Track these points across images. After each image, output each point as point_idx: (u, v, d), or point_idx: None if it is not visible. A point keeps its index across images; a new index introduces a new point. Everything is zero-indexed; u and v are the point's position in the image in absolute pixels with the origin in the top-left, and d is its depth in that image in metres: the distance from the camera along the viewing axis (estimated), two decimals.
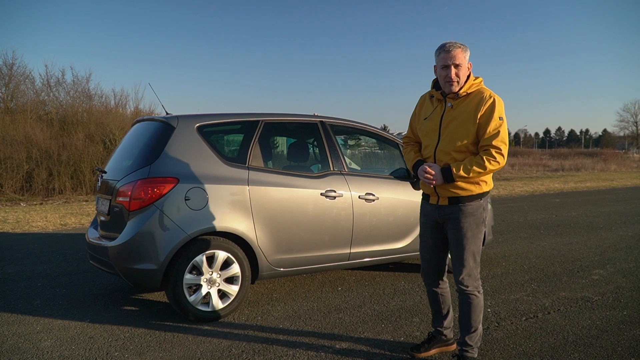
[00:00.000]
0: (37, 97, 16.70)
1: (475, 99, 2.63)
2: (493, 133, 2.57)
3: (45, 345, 3.20)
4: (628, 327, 3.45)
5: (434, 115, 2.75)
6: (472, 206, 2.69)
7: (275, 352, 3.08)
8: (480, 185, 2.70)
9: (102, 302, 4.09)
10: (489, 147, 2.57)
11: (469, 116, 2.61)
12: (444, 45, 2.64)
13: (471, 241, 2.69)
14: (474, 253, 2.71)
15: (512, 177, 22.28)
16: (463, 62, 2.62)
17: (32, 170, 12.91)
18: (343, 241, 4.18)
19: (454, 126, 2.65)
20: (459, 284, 2.74)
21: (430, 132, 2.76)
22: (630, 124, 75.90)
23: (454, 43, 2.63)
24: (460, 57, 2.61)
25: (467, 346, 2.79)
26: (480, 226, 2.72)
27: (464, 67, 2.63)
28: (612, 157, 36.27)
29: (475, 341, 2.80)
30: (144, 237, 3.46)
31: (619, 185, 17.90)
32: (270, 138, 4.29)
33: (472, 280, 2.73)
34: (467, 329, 2.78)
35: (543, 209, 10.49)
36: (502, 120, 2.59)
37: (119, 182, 3.66)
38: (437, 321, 3.05)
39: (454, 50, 2.61)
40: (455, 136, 2.64)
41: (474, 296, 2.74)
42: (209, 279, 3.61)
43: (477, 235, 2.71)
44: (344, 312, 3.82)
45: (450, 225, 2.74)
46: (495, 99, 2.60)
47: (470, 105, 2.63)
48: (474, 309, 2.75)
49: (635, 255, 5.70)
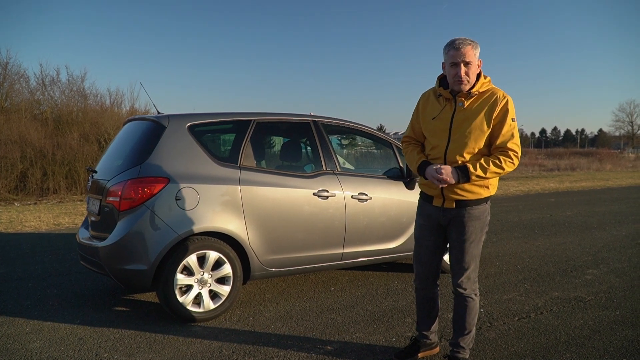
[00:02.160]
0: (32, 96, 16.62)
1: (489, 99, 2.54)
2: (508, 135, 2.51)
3: (35, 346, 3.17)
4: (620, 327, 3.45)
5: (444, 115, 2.61)
6: (479, 210, 2.64)
7: (266, 353, 3.06)
8: (489, 189, 2.64)
9: (92, 303, 4.06)
10: (505, 149, 2.51)
11: (483, 117, 2.52)
12: (454, 41, 2.51)
13: (474, 245, 2.65)
14: (475, 257, 2.68)
15: (507, 176, 22.30)
16: (473, 59, 2.49)
17: (27, 170, 12.84)
18: (336, 241, 4.16)
19: (467, 127, 2.54)
20: (457, 286, 2.71)
21: (439, 132, 2.62)
22: (625, 124, 76.24)
23: (464, 40, 2.50)
24: (471, 55, 2.48)
25: (459, 347, 2.78)
26: (483, 230, 2.68)
27: (474, 65, 2.50)
28: (607, 156, 36.36)
29: (467, 343, 2.79)
30: (135, 237, 3.43)
31: (614, 185, 17.95)
32: (262, 138, 4.27)
33: (471, 283, 2.71)
34: (461, 331, 2.76)
35: (538, 208, 10.50)
36: (514, 121, 2.53)
37: (109, 181, 3.63)
38: (424, 325, 2.96)
39: (463, 47, 2.47)
40: (468, 137, 2.54)
41: (471, 299, 2.72)
42: (200, 279, 3.58)
43: (480, 239, 2.68)
44: (337, 312, 3.81)
45: (454, 228, 2.67)
46: (509, 100, 2.53)
47: (484, 105, 2.53)
48: (469, 311, 2.72)
49: (628, 255, 5.70)
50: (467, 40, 2.51)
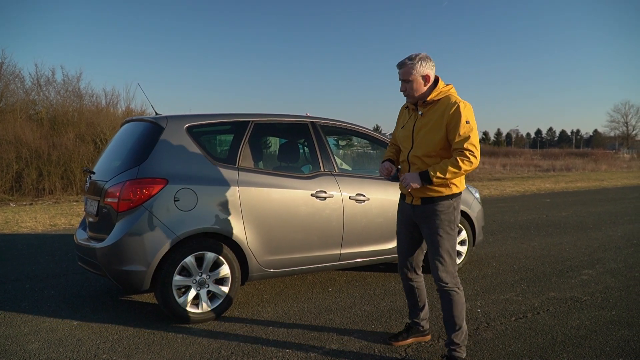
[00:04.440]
0: (27, 96, 16.58)
1: (442, 106, 2.79)
2: (464, 137, 2.70)
3: (33, 347, 3.17)
4: (616, 327, 3.47)
5: (409, 124, 2.96)
6: (444, 205, 2.83)
7: (264, 353, 3.07)
8: (451, 188, 2.85)
9: (90, 304, 4.06)
10: (461, 149, 2.70)
11: (437, 122, 2.78)
12: (399, 62, 2.86)
13: (445, 238, 2.82)
14: (448, 250, 2.83)
15: (503, 177, 22.40)
16: (411, 76, 2.80)
17: (22, 170, 12.80)
18: (333, 242, 4.18)
19: (424, 132, 2.83)
20: (438, 281, 2.84)
21: (405, 139, 2.97)
22: (620, 125, 76.82)
23: (403, 60, 2.83)
24: (407, 73, 2.80)
25: (455, 345, 2.86)
26: (452, 224, 2.85)
27: (415, 81, 2.81)
28: (602, 157, 36.60)
29: (461, 339, 2.87)
30: (133, 238, 3.43)
31: (609, 185, 18.05)
32: (260, 139, 4.28)
33: (450, 277, 2.83)
34: (452, 327, 2.87)
35: (534, 209, 10.55)
36: (469, 124, 2.72)
37: (108, 182, 3.63)
38: (414, 313, 3.22)
39: (401, 67, 2.83)
40: (425, 141, 2.82)
41: (454, 292, 2.84)
42: (199, 280, 3.59)
43: (451, 233, 2.84)
44: (334, 313, 3.82)
45: (423, 223, 2.90)
46: (460, 104, 2.73)
47: (437, 112, 2.80)
48: (455, 305, 2.84)
49: (624, 256, 5.74)
50: (407, 59, 2.82)
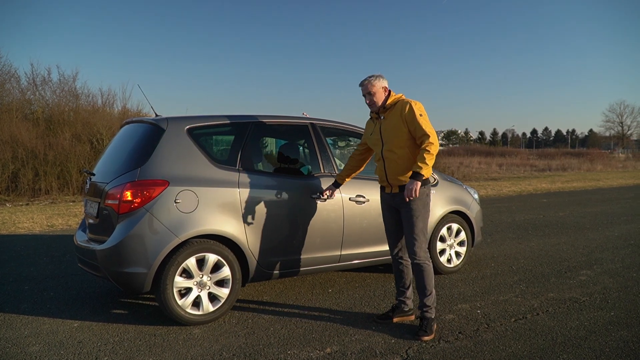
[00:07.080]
0: (23, 96, 16.50)
1: (398, 108, 3.45)
2: (420, 128, 3.33)
3: (34, 350, 3.16)
4: (616, 327, 3.49)
5: (375, 129, 3.60)
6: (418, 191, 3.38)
7: (266, 355, 3.07)
8: None
9: (91, 306, 4.05)
10: (423, 137, 3.33)
11: (397, 120, 3.43)
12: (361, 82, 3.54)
13: (419, 219, 3.41)
14: (422, 230, 3.43)
15: (499, 177, 22.48)
16: (374, 89, 3.48)
17: (18, 170, 12.74)
18: (333, 243, 4.18)
19: (389, 130, 3.48)
20: (413, 254, 3.44)
21: (376, 141, 3.59)
22: (615, 125, 77.07)
23: (367, 78, 3.50)
24: (369, 87, 3.48)
25: (427, 307, 3.44)
26: (426, 207, 3.45)
27: (377, 93, 3.49)
28: (598, 157, 36.76)
29: (431, 302, 3.45)
30: (134, 240, 3.42)
31: (605, 185, 18.14)
32: (260, 140, 4.28)
33: (422, 252, 3.44)
34: (424, 293, 3.45)
35: (531, 209, 10.59)
36: (422, 116, 3.37)
37: (108, 184, 3.62)
38: (400, 293, 3.70)
39: (363, 84, 3.52)
40: (392, 138, 3.46)
41: (426, 264, 3.44)
42: (200, 282, 3.59)
43: (424, 215, 3.44)
44: (335, 314, 3.82)
45: (402, 208, 3.48)
46: (411, 103, 3.41)
47: (395, 113, 3.46)
48: (426, 275, 3.44)
49: (621, 256, 5.77)
50: (369, 78, 3.50)
